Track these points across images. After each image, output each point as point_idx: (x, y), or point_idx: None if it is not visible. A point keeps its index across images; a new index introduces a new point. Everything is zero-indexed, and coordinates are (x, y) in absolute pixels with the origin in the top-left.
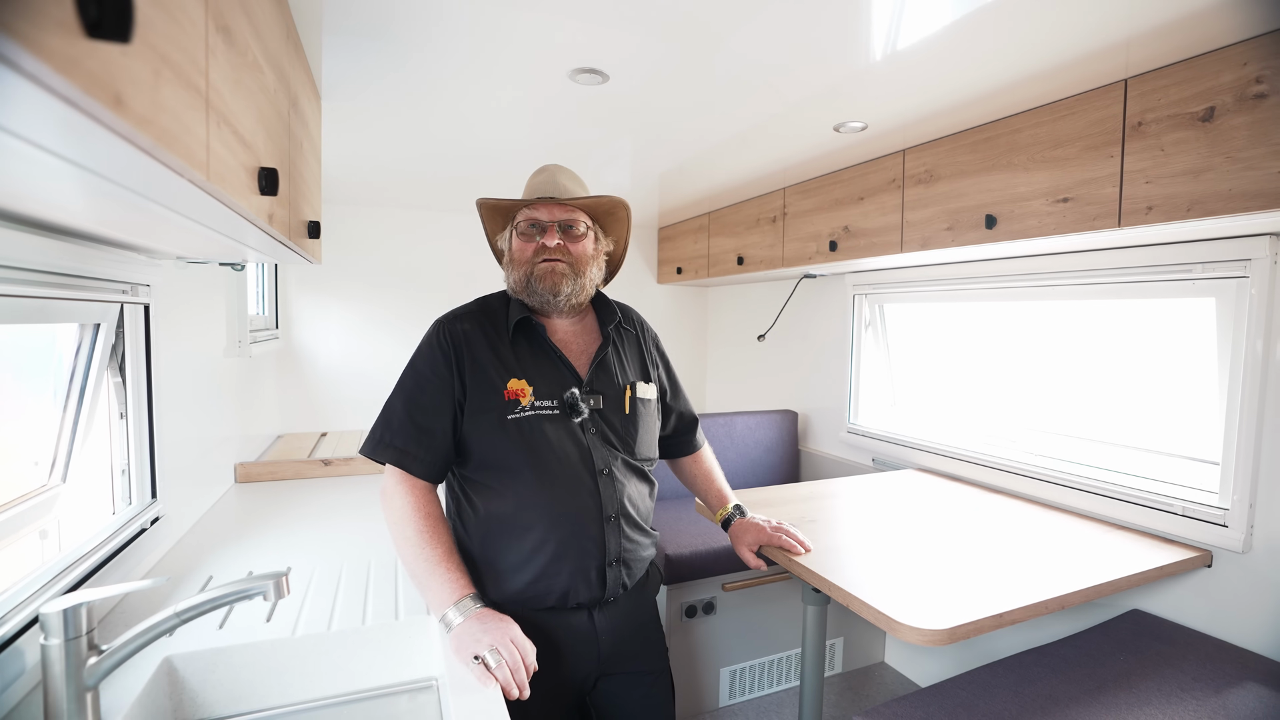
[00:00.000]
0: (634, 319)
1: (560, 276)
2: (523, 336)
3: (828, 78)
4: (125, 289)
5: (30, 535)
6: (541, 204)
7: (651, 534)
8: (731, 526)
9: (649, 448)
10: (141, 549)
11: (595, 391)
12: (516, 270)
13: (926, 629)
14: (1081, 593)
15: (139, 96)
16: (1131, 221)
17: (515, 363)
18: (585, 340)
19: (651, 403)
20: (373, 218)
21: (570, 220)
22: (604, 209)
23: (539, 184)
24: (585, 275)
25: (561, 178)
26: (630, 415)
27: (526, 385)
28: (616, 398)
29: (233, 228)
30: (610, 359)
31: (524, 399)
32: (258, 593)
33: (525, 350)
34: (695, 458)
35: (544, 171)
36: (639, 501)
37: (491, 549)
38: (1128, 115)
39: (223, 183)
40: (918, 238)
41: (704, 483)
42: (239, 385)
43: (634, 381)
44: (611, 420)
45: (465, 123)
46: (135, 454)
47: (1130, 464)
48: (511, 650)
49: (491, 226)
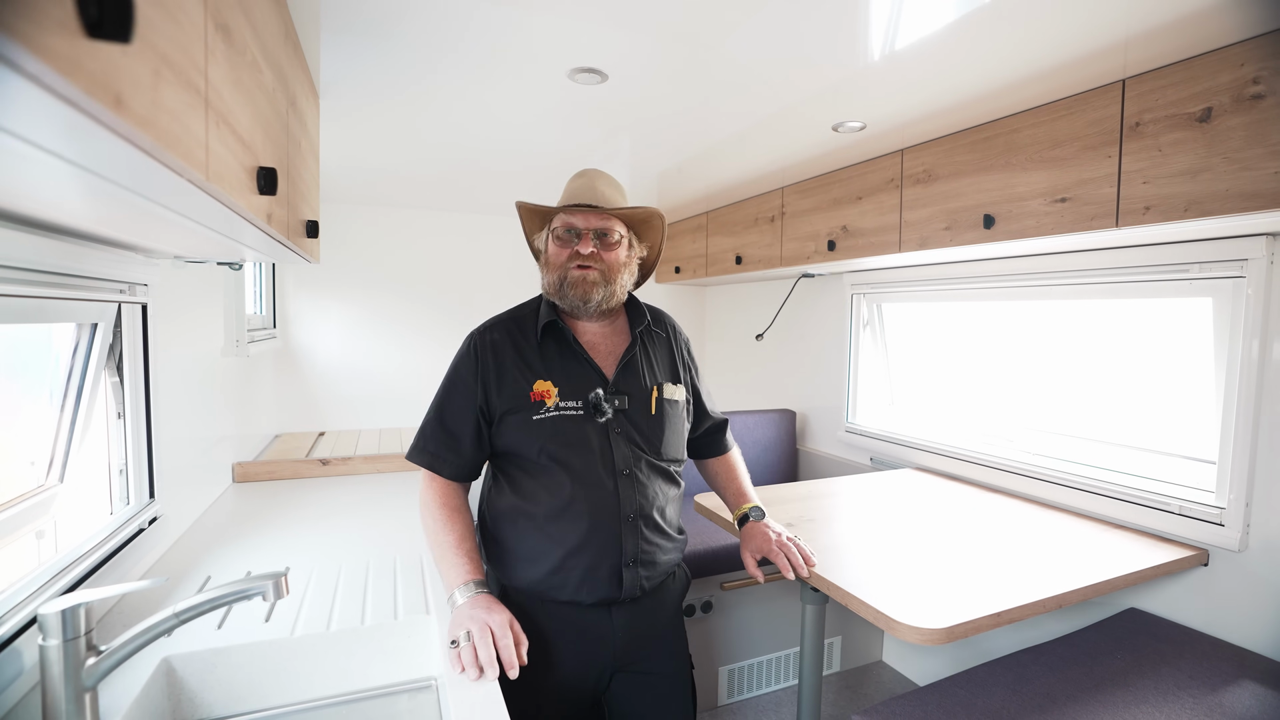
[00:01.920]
0: (665, 322)
1: (591, 285)
2: (550, 339)
3: (826, 77)
4: (123, 288)
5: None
6: (579, 211)
7: (676, 538)
8: (744, 528)
9: (675, 449)
10: (140, 549)
11: (620, 392)
12: (551, 273)
13: (925, 628)
14: (1079, 591)
15: (139, 97)
16: (1129, 221)
17: (542, 366)
18: (614, 342)
19: (680, 404)
20: (371, 217)
21: (605, 228)
22: (640, 219)
23: (577, 189)
24: (616, 282)
25: (600, 184)
26: (656, 416)
27: (552, 387)
28: (643, 398)
29: (231, 227)
30: (638, 360)
31: (549, 400)
32: (256, 593)
33: (553, 353)
34: (724, 458)
35: (583, 176)
36: (662, 504)
37: (513, 535)
38: (1125, 115)
39: (221, 182)
40: (916, 237)
41: (725, 480)
42: (237, 385)
43: (661, 382)
44: (637, 420)
45: (463, 121)
46: (133, 454)
47: (1127, 463)
48: (486, 636)
49: (529, 226)
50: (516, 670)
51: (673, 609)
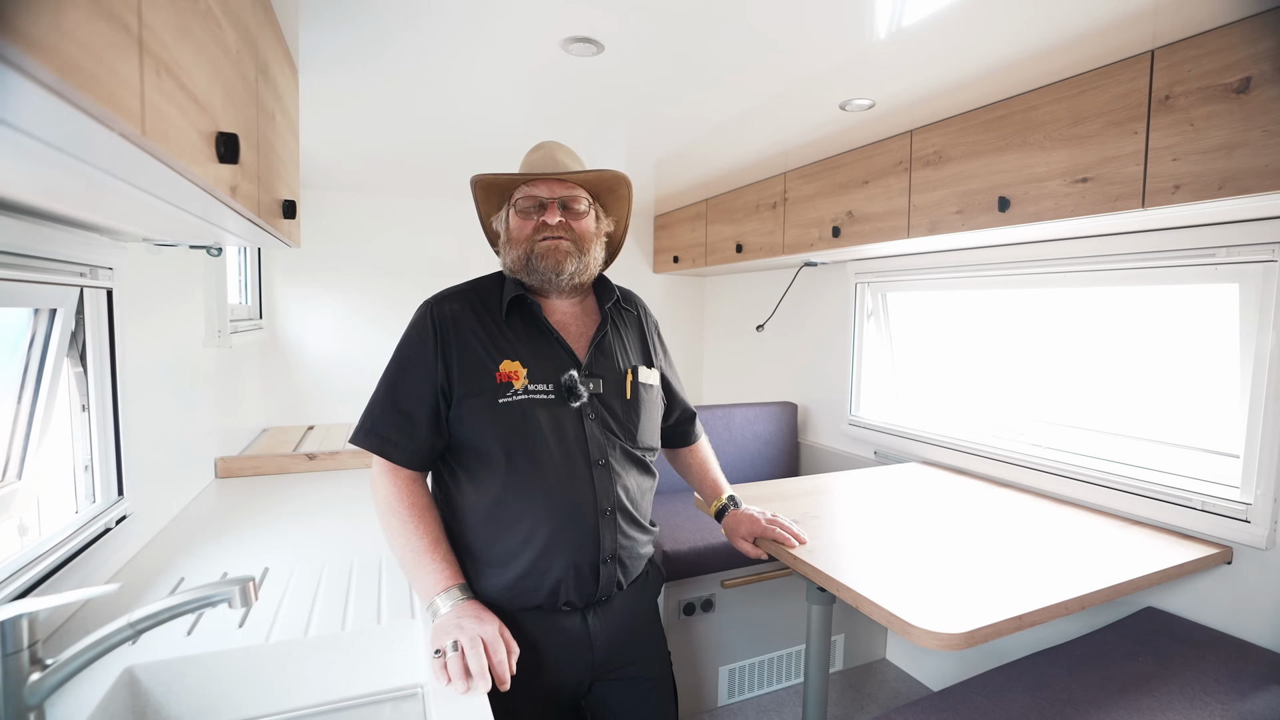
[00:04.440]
0: (634, 300)
1: (564, 254)
2: (517, 316)
3: (833, 52)
4: (84, 271)
5: None
6: (541, 180)
7: (650, 530)
8: (725, 518)
9: (651, 436)
10: (106, 549)
11: (594, 375)
12: (515, 249)
13: (942, 633)
14: (1102, 592)
15: (29, 15)
16: (1156, 202)
17: (508, 344)
18: (585, 322)
19: (655, 389)
20: (362, 204)
21: (571, 197)
22: (606, 185)
23: (536, 160)
24: (589, 254)
25: (559, 154)
26: (632, 400)
27: (520, 368)
28: (617, 382)
29: (190, 199)
30: (610, 340)
31: (517, 382)
32: (221, 600)
33: (520, 331)
34: (693, 448)
35: (541, 148)
36: (638, 495)
37: (478, 540)
38: (1154, 88)
39: (166, 142)
40: (925, 222)
41: (699, 473)
42: (220, 376)
43: (636, 365)
44: (612, 405)
45: (453, 97)
46: (99, 449)
47: (1146, 457)
48: (477, 646)
49: (485, 208)
50: (508, 683)
51: (649, 610)
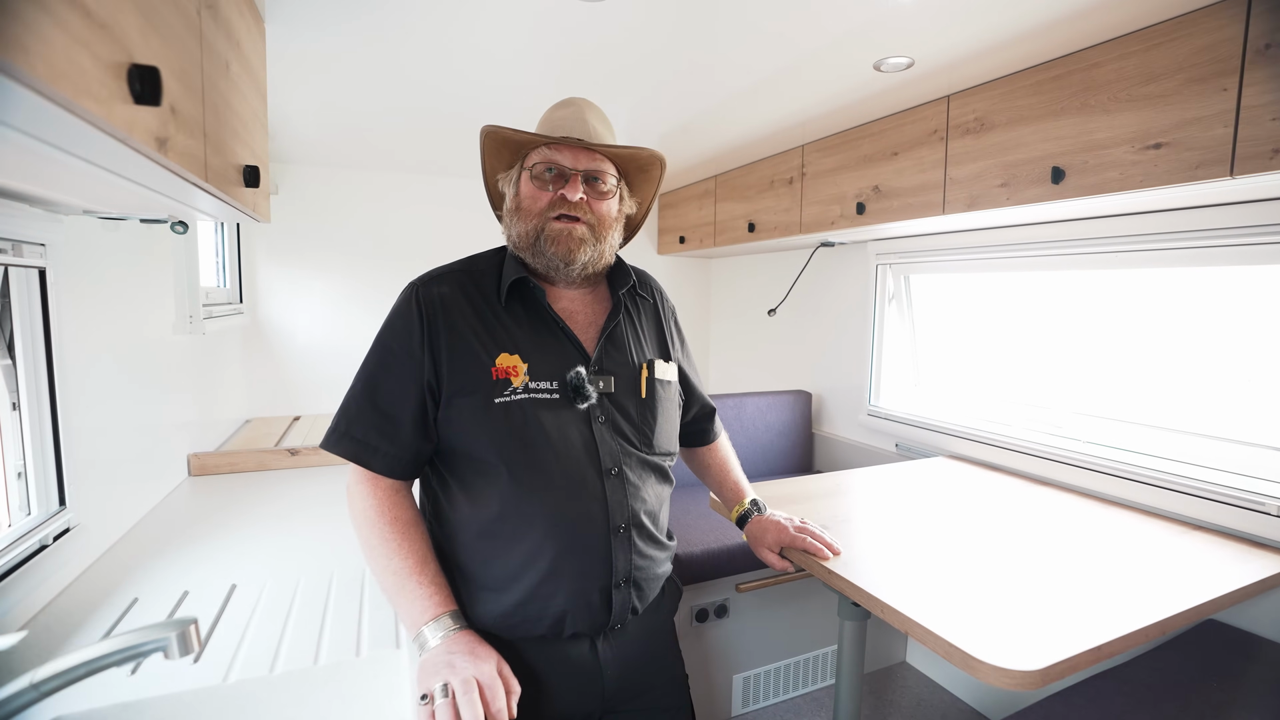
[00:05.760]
0: (651, 285)
1: (579, 242)
2: (518, 302)
3: (868, 7)
4: (5, 248)
5: None
6: (567, 146)
7: (668, 545)
8: (749, 525)
9: (669, 439)
10: (43, 569)
11: (605, 371)
12: (524, 222)
13: (1014, 670)
14: (1184, 614)
15: None
16: (1250, 169)
17: (506, 334)
18: (594, 310)
19: (672, 385)
20: (350, 181)
21: (598, 171)
22: (640, 163)
23: (563, 119)
24: (605, 241)
25: (591, 117)
26: (648, 400)
27: (520, 362)
28: (631, 379)
29: (102, 152)
30: (623, 331)
31: (516, 379)
32: (154, 649)
33: (520, 319)
34: (711, 448)
35: (570, 105)
36: (655, 507)
37: (472, 560)
38: (1250, 37)
39: (44, 67)
40: (964, 196)
41: (719, 474)
42: (193, 366)
43: (651, 360)
44: (625, 406)
45: (449, 56)
46: (34, 453)
47: (1208, 455)
48: (471, 690)
49: (493, 162)
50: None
51: (666, 630)
